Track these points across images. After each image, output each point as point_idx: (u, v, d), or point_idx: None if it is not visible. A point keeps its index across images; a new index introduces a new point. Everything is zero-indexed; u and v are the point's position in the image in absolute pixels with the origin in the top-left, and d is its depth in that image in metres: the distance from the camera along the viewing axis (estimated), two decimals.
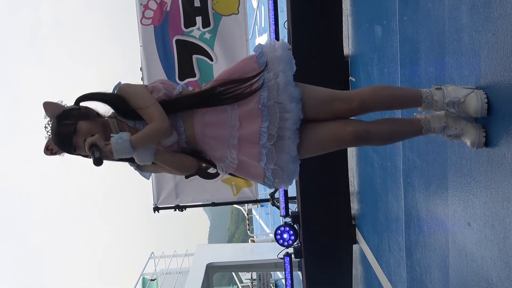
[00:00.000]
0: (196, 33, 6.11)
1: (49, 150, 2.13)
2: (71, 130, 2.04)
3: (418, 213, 3.33)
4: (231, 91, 2.07)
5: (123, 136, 1.98)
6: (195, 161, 2.18)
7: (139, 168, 2.24)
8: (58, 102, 2.12)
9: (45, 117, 2.11)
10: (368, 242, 5.15)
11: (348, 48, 5.48)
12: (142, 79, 6.18)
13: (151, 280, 11.26)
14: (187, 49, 6.13)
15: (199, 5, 6.03)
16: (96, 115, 2.15)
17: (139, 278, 11.25)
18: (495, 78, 2.05)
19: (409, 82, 3.39)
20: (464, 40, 2.35)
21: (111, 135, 2.01)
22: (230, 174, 2.23)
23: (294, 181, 2.36)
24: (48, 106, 2.10)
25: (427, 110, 2.19)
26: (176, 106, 2.10)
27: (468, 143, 2.13)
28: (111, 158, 2.03)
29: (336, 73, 5.49)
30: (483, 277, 2.28)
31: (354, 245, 5.82)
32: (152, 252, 12.14)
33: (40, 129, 2.10)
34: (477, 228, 2.32)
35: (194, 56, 6.14)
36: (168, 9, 6.05)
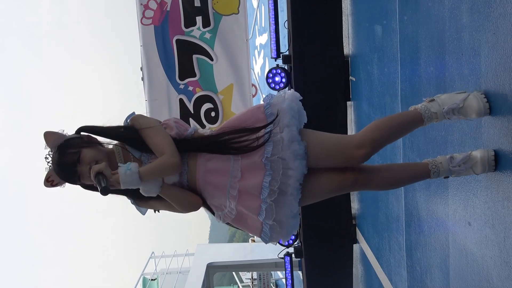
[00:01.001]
0: (196, 33, 6.11)
1: (50, 181, 2.06)
2: (75, 158, 1.99)
3: (418, 212, 3.33)
4: (237, 141, 2.04)
5: (131, 168, 1.92)
6: (201, 200, 2.13)
7: (137, 203, 2.19)
8: (59, 132, 2.07)
9: (45, 148, 2.06)
10: (368, 241, 5.15)
11: (348, 47, 5.48)
12: (142, 79, 6.19)
13: (152, 280, 11.27)
14: (187, 49, 6.12)
15: (199, 5, 6.02)
16: (98, 143, 2.11)
17: (139, 278, 11.26)
18: (496, 77, 2.05)
19: (409, 81, 3.39)
20: (464, 40, 2.35)
21: (119, 164, 1.96)
22: (227, 224, 2.19)
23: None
24: (49, 136, 2.05)
25: (429, 123, 2.16)
26: (184, 146, 2.07)
27: (478, 170, 2.09)
28: (117, 187, 1.96)
29: (336, 72, 5.49)
30: (484, 276, 2.28)
31: (354, 245, 5.82)
32: (153, 252, 12.15)
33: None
34: (477, 227, 2.32)
35: (194, 56, 6.13)
36: (168, 9, 6.04)
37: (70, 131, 2.11)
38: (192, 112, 5.96)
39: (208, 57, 6.13)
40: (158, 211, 2.32)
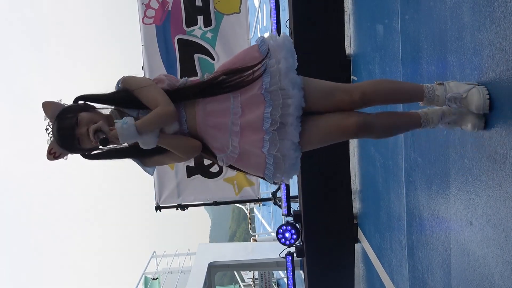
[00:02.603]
0: (197, 32, 6.11)
1: (52, 153, 2.08)
2: (73, 122, 2.02)
3: (420, 212, 3.32)
4: (234, 79, 2.06)
5: (128, 121, 1.96)
6: (199, 142, 2.14)
7: (142, 163, 2.22)
8: (57, 101, 2.10)
9: (45, 119, 2.08)
10: (370, 241, 5.15)
11: (350, 47, 5.48)
12: None
13: (153, 279, 11.28)
14: (189, 48, 6.13)
15: (201, 5, 6.03)
16: (95, 109, 2.14)
17: (141, 277, 11.27)
18: (497, 77, 2.05)
19: (411, 80, 3.38)
20: (466, 39, 2.35)
21: (115, 121, 1.99)
22: (231, 167, 2.19)
23: (295, 177, 2.33)
24: (47, 106, 2.07)
25: (428, 105, 2.19)
26: (179, 95, 2.09)
27: (469, 126, 2.13)
28: (116, 143, 2.01)
29: (338, 72, 5.49)
30: (485, 276, 2.28)
31: (356, 244, 5.82)
32: (154, 251, 12.16)
33: (40, 128, 2.08)
34: (479, 227, 2.32)
35: (196, 55, 6.14)
36: (169, 8, 6.05)
37: (68, 102, 2.14)
38: None
39: (209, 57, 6.13)
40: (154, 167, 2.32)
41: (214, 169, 6.53)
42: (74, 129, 2.02)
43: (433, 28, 2.83)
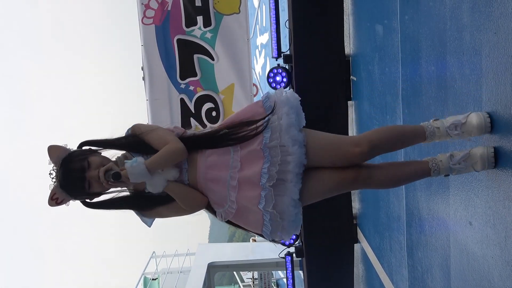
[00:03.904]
0: (197, 33, 6.11)
1: (54, 199, 2.05)
2: (84, 164, 2.00)
3: (419, 212, 3.33)
4: (236, 133, 2.06)
5: (137, 160, 1.95)
6: (206, 198, 2.12)
7: (142, 213, 2.19)
8: (63, 146, 2.08)
9: (49, 163, 2.05)
10: (369, 241, 5.15)
11: (349, 47, 5.48)
12: (143, 78, 6.19)
13: (153, 279, 11.28)
14: (188, 49, 6.13)
15: (200, 5, 6.02)
16: (101, 154, 2.12)
17: (140, 278, 11.27)
18: (497, 76, 2.05)
19: (410, 81, 3.39)
20: (465, 39, 2.35)
21: (125, 161, 1.99)
22: (230, 223, 2.18)
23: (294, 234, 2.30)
24: (53, 150, 2.05)
25: (430, 141, 2.18)
26: (186, 143, 2.07)
27: (478, 166, 2.09)
28: (126, 183, 2.00)
29: (337, 72, 5.49)
30: (485, 276, 2.28)
31: (355, 244, 5.83)
32: (154, 252, 12.15)
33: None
34: (478, 227, 2.32)
35: (195, 56, 6.13)
36: (169, 8, 6.05)
37: (73, 145, 2.12)
38: (193, 111, 5.96)
39: (209, 57, 6.13)
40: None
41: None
42: (84, 171, 2.00)
43: (433, 28, 2.83)
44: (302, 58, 5.50)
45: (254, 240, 13.12)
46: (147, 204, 2.13)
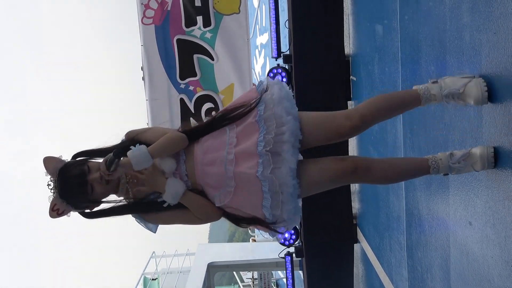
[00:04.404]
0: (197, 33, 6.11)
1: (55, 210, 2.01)
2: (85, 169, 1.99)
3: (419, 212, 3.33)
4: (231, 114, 2.08)
5: (139, 147, 1.94)
6: (220, 211, 2.10)
7: (144, 219, 2.15)
8: (58, 157, 2.05)
9: (46, 174, 2.03)
10: (369, 241, 5.15)
11: (349, 47, 5.48)
12: (143, 78, 6.19)
13: (153, 279, 11.28)
14: (188, 49, 6.13)
15: (200, 5, 6.03)
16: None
17: (140, 278, 11.27)
18: (496, 76, 2.05)
19: (410, 81, 3.39)
20: (465, 39, 2.35)
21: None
22: (227, 217, 2.13)
23: (296, 223, 2.26)
24: (49, 161, 2.03)
25: (427, 104, 2.17)
26: None
27: (478, 165, 2.08)
28: (128, 169, 1.95)
29: (337, 72, 5.49)
30: (484, 276, 2.28)
31: (355, 244, 5.83)
32: (153, 252, 12.15)
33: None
34: (478, 227, 2.32)
35: (195, 56, 6.14)
36: (169, 8, 6.05)
37: (67, 155, 2.10)
38: (193, 111, 5.97)
39: (209, 57, 6.13)
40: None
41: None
42: (86, 176, 1.98)
43: (432, 29, 2.83)
44: (302, 58, 5.50)
45: (254, 240, 13.12)
46: (150, 209, 2.10)
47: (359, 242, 5.64)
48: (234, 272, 15.90)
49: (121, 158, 1.94)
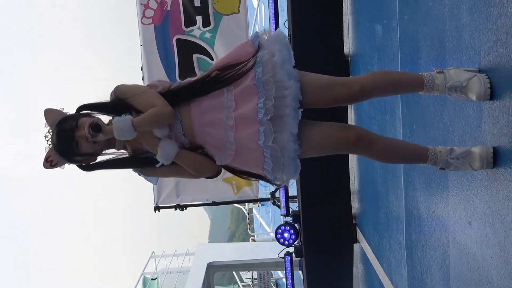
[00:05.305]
0: (196, 33, 6.11)
1: (49, 161, 2.05)
2: (73, 125, 2.00)
3: (418, 212, 3.33)
4: (226, 74, 2.04)
5: (125, 117, 1.95)
6: (216, 166, 2.12)
7: (143, 172, 2.18)
8: (59, 109, 2.08)
9: (45, 126, 2.06)
10: (368, 241, 5.15)
11: (348, 47, 5.48)
12: (142, 78, 6.19)
13: (152, 279, 11.28)
14: (188, 49, 6.13)
15: (200, 5, 6.03)
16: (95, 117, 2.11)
17: (140, 278, 11.27)
18: (496, 76, 2.05)
19: None
20: (465, 39, 2.35)
21: (113, 117, 1.99)
22: (228, 169, 2.15)
23: (295, 179, 2.26)
24: (49, 113, 2.05)
25: (428, 93, 2.16)
26: (172, 97, 2.06)
27: (477, 163, 2.08)
28: (110, 136, 1.97)
29: (336, 72, 5.45)
30: (484, 276, 2.28)
31: (354, 244, 5.82)
32: (153, 252, 12.15)
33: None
34: (477, 227, 2.32)
35: (195, 56, 6.14)
36: (168, 8, 6.05)
37: (70, 110, 2.13)
38: None
39: (208, 57, 6.13)
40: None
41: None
42: (73, 132, 2.00)
43: (432, 28, 2.83)
44: (301, 58, 5.48)
45: (254, 240, 13.12)
46: (146, 164, 2.12)
47: (359, 242, 5.64)
48: (234, 272, 15.91)
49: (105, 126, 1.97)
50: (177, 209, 6.87)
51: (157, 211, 6.89)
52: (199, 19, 6.06)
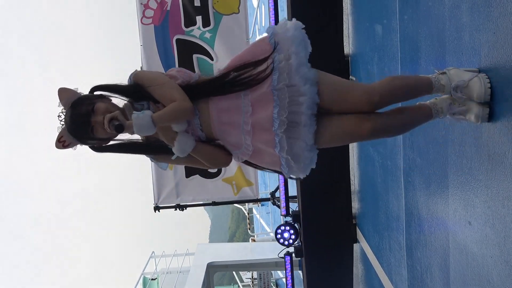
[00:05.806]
0: (196, 33, 6.12)
1: (61, 142, 2.04)
2: (89, 109, 1.99)
3: (418, 212, 3.33)
4: (244, 77, 2.03)
5: (145, 112, 1.94)
6: (230, 157, 2.17)
7: (156, 158, 2.21)
8: (74, 89, 2.07)
9: (58, 105, 2.05)
10: (368, 241, 5.15)
11: (348, 47, 5.48)
12: None
13: (152, 279, 11.27)
14: (188, 49, 6.14)
15: (199, 5, 6.03)
16: (110, 101, 2.11)
17: (139, 278, 11.26)
18: (496, 76, 2.05)
19: None
20: (465, 39, 2.35)
21: (133, 112, 1.97)
22: (246, 163, 2.19)
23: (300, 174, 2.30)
24: (63, 93, 2.04)
25: (435, 93, 2.19)
26: (192, 93, 2.05)
27: (472, 117, 2.10)
28: (129, 131, 1.98)
29: (336, 72, 5.45)
30: (484, 276, 2.28)
31: (354, 244, 5.82)
32: (153, 252, 12.14)
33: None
34: (477, 227, 2.32)
35: (195, 56, 6.14)
36: (168, 8, 6.05)
37: (84, 91, 2.11)
38: None
39: (208, 57, 6.13)
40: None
41: (213, 169, 6.55)
42: (89, 116, 1.99)
43: (432, 28, 2.83)
44: None
45: (254, 240, 13.11)
46: (161, 152, 2.14)
47: (359, 242, 5.64)
48: (234, 272, 15.91)
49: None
50: (177, 209, 6.87)
51: (157, 211, 6.89)
52: (199, 19, 6.06)
